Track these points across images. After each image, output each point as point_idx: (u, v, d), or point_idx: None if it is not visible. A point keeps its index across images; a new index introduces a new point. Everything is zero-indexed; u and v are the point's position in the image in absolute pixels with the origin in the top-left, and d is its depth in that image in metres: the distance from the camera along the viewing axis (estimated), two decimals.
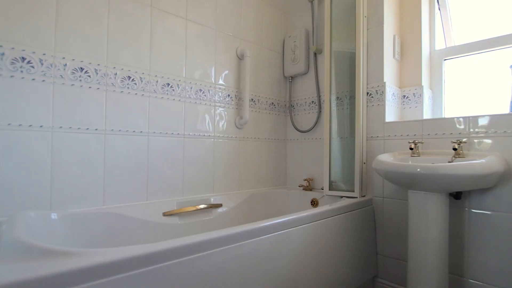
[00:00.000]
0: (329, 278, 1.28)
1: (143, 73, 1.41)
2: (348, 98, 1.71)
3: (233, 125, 1.80)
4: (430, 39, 1.75)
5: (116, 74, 1.32)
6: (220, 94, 1.73)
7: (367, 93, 1.68)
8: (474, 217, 1.30)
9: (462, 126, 1.34)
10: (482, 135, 1.29)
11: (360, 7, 1.63)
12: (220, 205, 1.63)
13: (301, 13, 2.07)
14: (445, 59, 1.71)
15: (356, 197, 1.58)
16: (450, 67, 1.71)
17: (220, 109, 1.74)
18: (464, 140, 1.29)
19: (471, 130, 1.32)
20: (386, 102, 1.61)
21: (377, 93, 1.64)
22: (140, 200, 1.38)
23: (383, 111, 1.61)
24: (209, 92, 1.68)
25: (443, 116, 1.68)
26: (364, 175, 1.63)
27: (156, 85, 1.46)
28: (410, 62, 1.73)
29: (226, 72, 1.77)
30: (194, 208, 1.53)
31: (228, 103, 1.77)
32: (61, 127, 1.17)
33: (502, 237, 1.22)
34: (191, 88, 1.60)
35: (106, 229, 1.21)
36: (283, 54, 2.13)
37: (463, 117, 1.34)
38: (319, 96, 1.93)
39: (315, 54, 1.96)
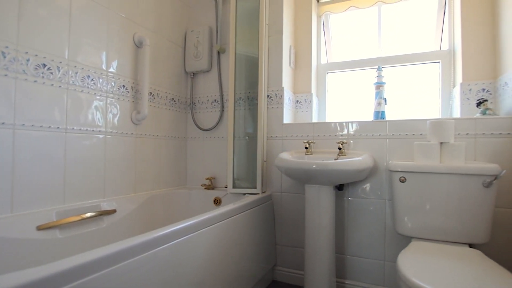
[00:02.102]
0: (235, 275, 1.30)
1: (6, 46, 1.07)
2: (250, 99, 1.79)
3: (128, 120, 1.60)
4: (317, 54, 2.02)
5: None
6: (113, 84, 1.50)
7: (268, 96, 1.79)
8: (351, 204, 1.58)
9: (344, 130, 1.61)
10: (357, 137, 1.58)
11: (262, 14, 1.72)
12: (113, 211, 1.41)
13: (205, 9, 2.03)
14: (328, 72, 2.02)
15: (258, 193, 1.66)
16: (332, 78, 2.02)
17: (114, 101, 1.51)
18: (345, 141, 1.56)
19: (350, 133, 1.60)
20: (284, 105, 1.77)
21: (276, 96, 1.78)
22: (1, 212, 1.05)
23: (281, 113, 1.76)
24: (99, 80, 1.43)
25: (326, 120, 1.98)
26: (264, 172, 1.73)
27: (27, 64, 1.13)
28: (302, 72, 1.95)
29: (121, 59, 1.55)
30: (79, 218, 1.27)
31: (123, 95, 1.56)
32: None
33: (370, 218, 1.53)
34: (76, 73, 1.32)
35: None
36: (185, 48, 2.03)
37: (345, 122, 1.61)
38: (222, 95, 1.93)
39: (218, 53, 1.96)
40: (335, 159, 1.47)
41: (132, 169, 1.62)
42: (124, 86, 1.56)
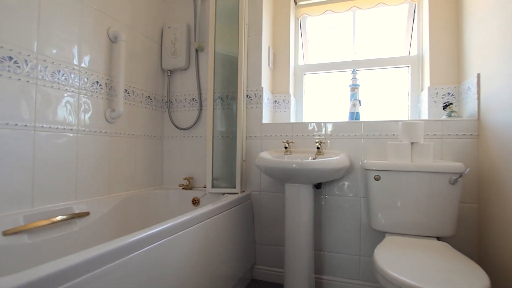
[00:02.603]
0: (215, 276, 1.28)
1: None
2: (229, 98, 1.78)
3: (102, 118, 1.53)
4: (295, 55, 2.06)
5: None
6: (86, 79, 1.43)
7: (247, 96, 1.80)
8: (328, 202, 1.63)
9: (321, 130, 1.65)
10: (334, 137, 1.63)
11: (242, 14, 1.72)
12: (87, 214, 1.35)
13: (182, 5, 1.99)
14: (305, 74, 2.06)
15: (237, 193, 1.66)
16: (309, 79, 2.07)
17: (87, 98, 1.43)
18: (323, 141, 1.60)
19: (327, 133, 1.64)
20: (263, 105, 1.78)
21: (255, 96, 1.79)
22: None
23: (260, 113, 1.77)
24: (71, 76, 1.35)
25: (303, 121, 2.02)
26: (244, 172, 1.74)
27: None
28: (280, 72, 1.97)
29: (95, 54, 1.48)
30: (49, 222, 1.19)
31: (96, 92, 1.49)
32: None
33: (346, 215, 1.59)
34: (46, 67, 1.24)
35: None
36: (161, 45, 1.98)
37: (323, 122, 1.65)
38: (200, 94, 1.91)
39: (196, 50, 1.93)
40: (314, 159, 1.50)
41: (106, 170, 1.55)
42: (97, 82, 1.49)
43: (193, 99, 1.95)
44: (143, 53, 1.83)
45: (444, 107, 1.53)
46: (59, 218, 1.23)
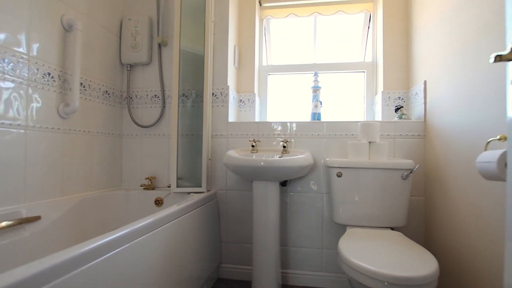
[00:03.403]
0: (181, 278, 1.24)
1: None
2: (193, 96, 1.75)
3: (55, 113, 1.40)
4: (259, 55, 2.09)
5: None
6: (36, 70, 1.30)
7: (213, 94, 1.78)
8: (292, 198, 1.69)
9: (286, 129, 1.71)
10: (298, 136, 1.69)
11: (209, 12, 1.70)
12: (38, 218, 1.22)
13: None
14: (269, 74, 2.11)
15: (203, 192, 1.64)
16: (273, 80, 2.12)
17: (37, 90, 1.30)
18: (288, 140, 1.66)
19: (292, 132, 1.70)
20: (229, 104, 1.78)
21: (221, 94, 1.78)
22: None
23: (226, 112, 1.77)
24: (18, 65, 1.22)
25: (267, 120, 2.06)
26: (209, 171, 1.72)
27: None
28: (245, 72, 1.99)
29: (46, 43, 1.35)
30: None
31: (48, 84, 1.36)
32: None
33: (309, 211, 1.66)
34: None
35: None
36: (120, 37, 1.87)
37: (288, 122, 1.71)
38: (163, 91, 1.84)
39: (159, 45, 1.86)
40: (280, 157, 1.55)
41: (59, 169, 1.42)
42: (49, 74, 1.36)
43: (156, 95, 1.88)
44: (101, 45, 1.71)
45: (396, 110, 1.68)
46: (4, 224, 1.10)
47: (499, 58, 0.61)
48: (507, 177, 0.63)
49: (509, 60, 0.61)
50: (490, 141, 0.94)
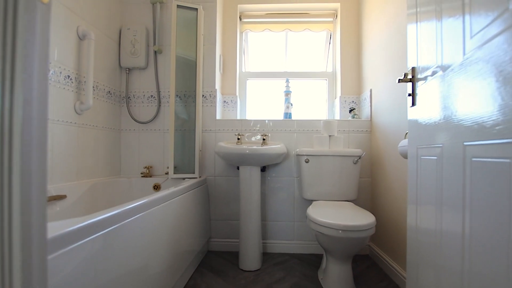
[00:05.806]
0: (177, 252, 1.39)
1: None
2: (186, 97, 2.06)
3: (72, 110, 1.64)
4: (240, 62, 2.46)
5: None
6: (59, 74, 1.54)
7: (203, 96, 2.11)
8: (270, 181, 2.07)
9: (264, 125, 2.09)
10: (274, 131, 2.08)
11: (200, 27, 2.03)
12: (64, 196, 1.47)
13: (139, 8, 2.17)
14: (248, 79, 2.48)
15: (196, 178, 1.96)
16: (251, 84, 2.49)
17: (60, 91, 1.55)
18: (266, 134, 2.04)
19: (268, 128, 2.09)
20: (217, 104, 2.12)
21: (210, 96, 2.11)
22: None
23: (214, 110, 2.11)
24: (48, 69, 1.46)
25: (246, 118, 2.42)
26: (201, 160, 2.04)
27: None
28: (229, 77, 2.34)
29: (64, 50, 1.59)
30: None
31: (67, 85, 1.60)
32: None
33: (284, 191, 2.06)
34: None
35: None
36: (120, 44, 2.13)
37: (267, 120, 2.09)
38: (158, 92, 2.13)
39: (155, 52, 2.15)
40: (261, 147, 1.92)
41: (75, 158, 1.67)
42: (69, 76, 1.61)
43: (152, 96, 2.16)
44: (104, 51, 1.96)
45: (350, 111, 2.14)
46: None
47: (400, 80, 1.04)
48: (408, 157, 1.06)
49: (405, 81, 1.05)
50: (407, 133, 1.39)
